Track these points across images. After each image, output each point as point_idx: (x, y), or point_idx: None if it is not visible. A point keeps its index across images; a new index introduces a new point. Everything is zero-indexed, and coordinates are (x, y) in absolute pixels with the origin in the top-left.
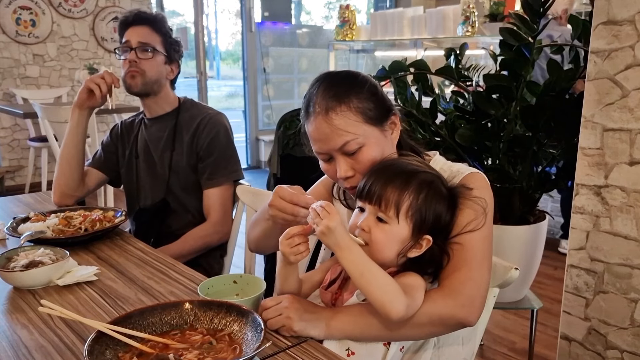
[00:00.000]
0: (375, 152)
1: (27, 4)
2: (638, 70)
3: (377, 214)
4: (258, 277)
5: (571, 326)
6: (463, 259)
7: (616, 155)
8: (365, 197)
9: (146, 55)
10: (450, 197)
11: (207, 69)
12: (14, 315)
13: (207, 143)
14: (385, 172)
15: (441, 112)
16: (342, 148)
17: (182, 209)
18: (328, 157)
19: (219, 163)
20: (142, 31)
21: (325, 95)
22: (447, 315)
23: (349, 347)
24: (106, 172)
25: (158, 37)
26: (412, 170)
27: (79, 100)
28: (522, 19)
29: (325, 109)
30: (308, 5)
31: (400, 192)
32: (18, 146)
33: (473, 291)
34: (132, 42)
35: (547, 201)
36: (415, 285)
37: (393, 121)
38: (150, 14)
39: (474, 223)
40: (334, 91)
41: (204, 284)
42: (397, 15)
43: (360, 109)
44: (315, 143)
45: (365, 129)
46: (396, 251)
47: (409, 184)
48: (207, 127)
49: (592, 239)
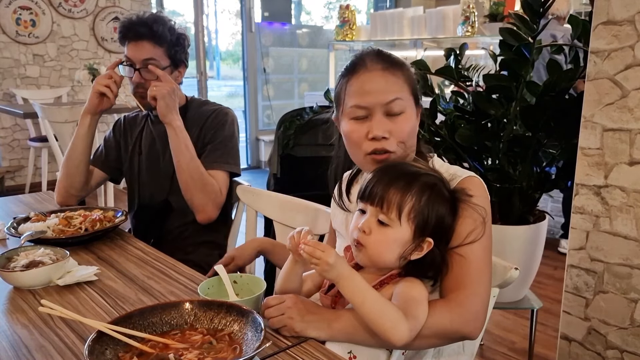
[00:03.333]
0: (412, 124)
1: (27, 4)
2: (638, 70)
3: (379, 216)
4: (258, 277)
5: (571, 326)
6: (467, 273)
7: (616, 155)
8: (367, 199)
9: (151, 76)
10: (452, 201)
11: (207, 69)
12: (14, 315)
13: (212, 132)
14: (387, 173)
15: (441, 112)
16: (390, 104)
17: (184, 208)
18: (365, 114)
19: (218, 149)
20: (143, 47)
21: (381, 57)
22: (452, 331)
23: (351, 350)
24: (107, 170)
25: (160, 49)
26: (415, 172)
27: (90, 106)
28: (522, 19)
29: (382, 67)
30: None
31: (402, 194)
32: (18, 146)
33: (478, 306)
34: (135, 62)
35: (547, 201)
36: (418, 299)
37: (419, 110)
38: (148, 23)
39: (475, 233)
40: (389, 58)
41: (204, 284)
42: (397, 15)
43: (411, 81)
44: (359, 96)
45: (410, 99)
46: (398, 254)
47: (411, 186)
48: (216, 118)
49: (592, 239)
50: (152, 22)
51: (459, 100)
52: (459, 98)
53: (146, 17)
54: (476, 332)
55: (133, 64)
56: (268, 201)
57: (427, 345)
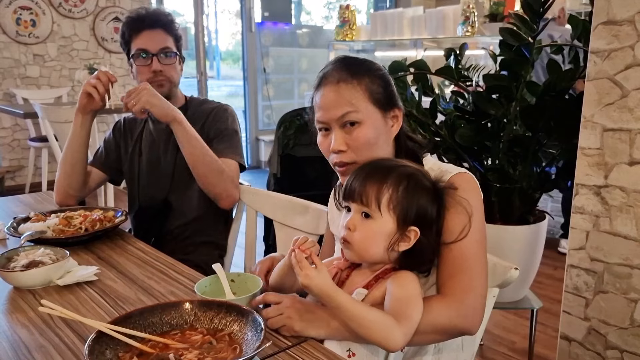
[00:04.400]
0: (371, 133)
1: (27, 4)
2: (638, 70)
3: (362, 210)
4: (256, 276)
5: (571, 326)
6: (462, 268)
7: (616, 155)
8: (348, 196)
9: (169, 60)
10: (435, 191)
11: (207, 69)
12: (14, 315)
13: (215, 129)
14: (364, 169)
15: (441, 112)
16: (342, 118)
17: (184, 208)
18: (327, 127)
19: (223, 142)
20: (159, 35)
21: (340, 68)
22: (450, 326)
23: (350, 347)
24: (107, 170)
25: (171, 38)
26: (391, 165)
27: (80, 105)
28: (522, 19)
29: (337, 79)
30: (308, 5)
31: (379, 185)
32: (18, 146)
33: (475, 301)
34: (152, 49)
35: (547, 201)
36: (410, 298)
37: (396, 114)
38: (163, 14)
39: (466, 229)
40: (349, 67)
41: (201, 283)
42: (397, 15)
43: (369, 88)
44: (318, 111)
45: (368, 108)
46: (384, 246)
47: (387, 177)
48: (217, 115)
49: (592, 239)
50: (164, 13)
51: (459, 100)
52: (459, 98)
53: (157, 8)
54: (475, 327)
55: (150, 52)
56: (268, 201)
57: (426, 341)
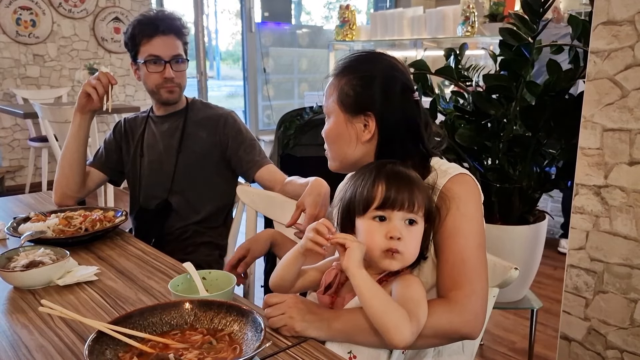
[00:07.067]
0: (332, 131)
1: (27, 4)
2: (638, 70)
3: (407, 217)
4: (228, 272)
5: (571, 326)
6: (463, 272)
7: (616, 155)
8: (390, 205)
9: (181, 67)
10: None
11: (207, 69)
12: (14, 315)
13: (232, 139)
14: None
15: (441, 112)
16: (324, 108)
17: (185, 209)
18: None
19: (251, 151)
20: (172, 42)
21: (341, 62)
22: (452, 331)
23: (351, 350)
24: (107, 171)
25: (181, 43)
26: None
27: (78, 105)
28: (522, 19)
29: (332, 71)
30: (308, 6)
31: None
32: (18, 146)
33: (476, 306)
34: (165, 56)
35: (547, 201)
36: (417, 300)
37: (366, 122)
38: (176, 20)
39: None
40: (344, 63)
41: (173, 281)
42: (397, 15)
43: (342, 89)
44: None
45: (335, 107)
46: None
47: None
48: (227, 124)
49: (591, 239)
50: (177, 18)
51: (459, 100)
52: (459, 98)
53: (169, 12)
54: (476, 332)
55: (162, 59)
56: (268, 201)
57: (427, 345)
